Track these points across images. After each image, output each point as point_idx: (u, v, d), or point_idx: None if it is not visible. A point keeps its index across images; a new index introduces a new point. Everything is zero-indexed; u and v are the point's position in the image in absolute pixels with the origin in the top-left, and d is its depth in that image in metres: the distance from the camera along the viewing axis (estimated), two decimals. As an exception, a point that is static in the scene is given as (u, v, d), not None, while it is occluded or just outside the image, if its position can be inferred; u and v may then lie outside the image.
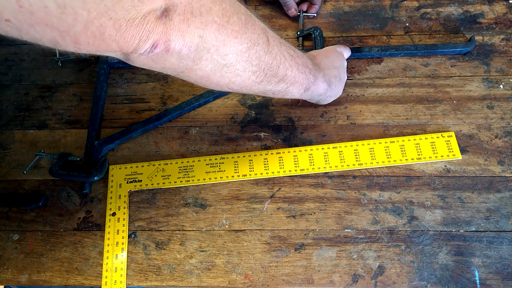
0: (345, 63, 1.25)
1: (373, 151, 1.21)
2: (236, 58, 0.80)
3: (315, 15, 1.43)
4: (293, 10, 1.43)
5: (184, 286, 1.11)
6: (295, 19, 1.44)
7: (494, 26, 1.39)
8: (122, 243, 1.14)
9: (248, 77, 0.86)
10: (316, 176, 1.20)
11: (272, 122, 1.27)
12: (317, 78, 1.08)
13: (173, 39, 0.68)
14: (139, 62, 0.73)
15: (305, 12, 1.43)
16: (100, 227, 1.17)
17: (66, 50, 0.64)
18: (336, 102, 1.28)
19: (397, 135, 1.23)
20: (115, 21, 0.60)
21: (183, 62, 0.74)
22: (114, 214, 1.17)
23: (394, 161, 1.20)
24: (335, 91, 1.18)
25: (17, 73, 1.40)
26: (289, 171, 1.19)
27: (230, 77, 0.83)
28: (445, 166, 1.20)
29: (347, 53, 1.29)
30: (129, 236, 1.16)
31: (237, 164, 1.21)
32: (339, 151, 1.21)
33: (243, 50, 0.80)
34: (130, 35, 0.63)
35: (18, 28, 0.56)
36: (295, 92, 1.03)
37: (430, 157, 1.20)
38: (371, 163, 1.20)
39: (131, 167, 1.23)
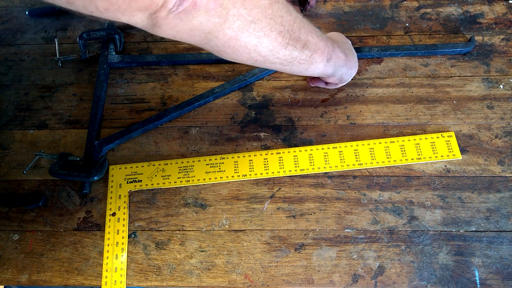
0: (349, 41, 1.26)
1: (373, 151, 1.21)
2: (261, 13, 0.80)
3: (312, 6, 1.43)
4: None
5: (184, 286, 1.11)
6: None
7: (494, 26, 1.39)
8: (122, 243, 1.14)
9: (275, 38, 0.86)
10: (316, 176, 1.20)
11: (272, 122, 1.27)
12: (335, 47, 1.08)
13: None
14: (167, 25, 0.72)
15: (302, 8, 1.43)
16: (100, 227, 1.17)
17: (94, 14, 0.64)
18: (336, 102, 1.29)
19: (397, 135, 1.24)
20: None
21: (211, 20, 0.74)
22: (114, 214, 1.17)
23: (394, 161, 1.20)
24: (353, 62, 1.18)
25: (17, 73, 1.40)
26: (289, 171, 1.20)
27: (258, 37, 0.83)
28: (445, 166, 1.20)
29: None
30: (129, 236, 1.16)
31: (237, 164, 1.21)
32: (339, 151, 1.21)
33: (266, 5, 0.81)
34: None
35: None
36: (319, 60, 1.02)
37: (430, 157, 1.20)
38: (371, 163, 1.20)
39: (131, 167, 1.23)
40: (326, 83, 1.25)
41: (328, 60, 1.05)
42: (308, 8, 1.42)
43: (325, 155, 1.21)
